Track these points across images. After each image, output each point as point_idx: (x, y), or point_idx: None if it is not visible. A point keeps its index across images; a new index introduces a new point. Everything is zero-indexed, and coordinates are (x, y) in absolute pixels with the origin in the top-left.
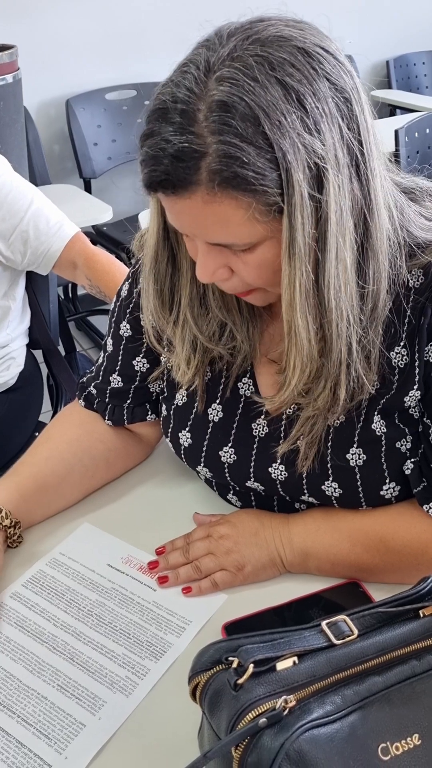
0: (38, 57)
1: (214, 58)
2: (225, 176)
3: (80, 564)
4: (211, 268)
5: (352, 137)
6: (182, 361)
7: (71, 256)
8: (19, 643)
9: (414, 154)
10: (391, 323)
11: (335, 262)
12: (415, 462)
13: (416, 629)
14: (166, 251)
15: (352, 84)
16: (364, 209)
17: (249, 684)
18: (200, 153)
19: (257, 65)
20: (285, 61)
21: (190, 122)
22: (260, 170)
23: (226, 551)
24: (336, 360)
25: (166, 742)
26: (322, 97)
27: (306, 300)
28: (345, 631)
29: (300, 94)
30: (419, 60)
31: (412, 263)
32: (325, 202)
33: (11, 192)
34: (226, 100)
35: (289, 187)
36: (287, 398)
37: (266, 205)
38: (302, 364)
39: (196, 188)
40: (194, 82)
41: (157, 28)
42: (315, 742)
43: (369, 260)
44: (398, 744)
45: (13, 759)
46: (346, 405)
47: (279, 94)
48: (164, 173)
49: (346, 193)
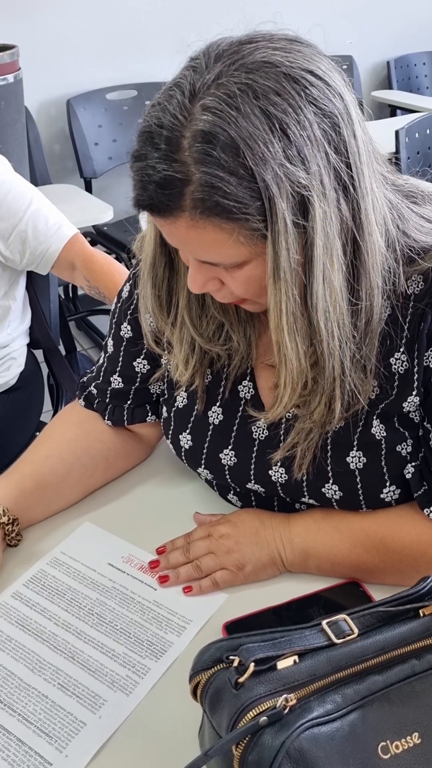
0: (39, 57)
1: (199, 84)
2: (207, 205)
3: (81, 563)
4: (201, 281)
5: (340, 161)
6: (180, 362)
7: (70, 257)
8: (19, 642)
9: (414, 154)
10: (387, 334)
11: (323, 285)
12: (415, 466)
13: (416, 628)
14: (163, 256)
15: (341, 106)
16: (353, 230)
17: (250, 683)
18: (183, 181)
19: (241, 93)
20: (269, 89)
21: (174, 150)
22: (242, 200)
23: (226, 550)
24: (329, 377)
25: (166, 741)
26: (307, 125)
27: (294, 322)
28: (345, 630)
29: (283, 123)
30: (420, 60)
31: (412, 269)
32: (311, 228)
33: (10, 192)
34: (208, 130)
35: (272, 215)
36: (280, 414)
37: (250, 230)
38: (293, 382)
39: (181, 214)
40: (179, 108)
41: (157, 29)
42: (315, 741)
43: (360, 278)
44: (398, 743)
45: (14, 757)
46: (342, 415)
47: (262, 123)
48: (149, 198)
49: (333, 217)
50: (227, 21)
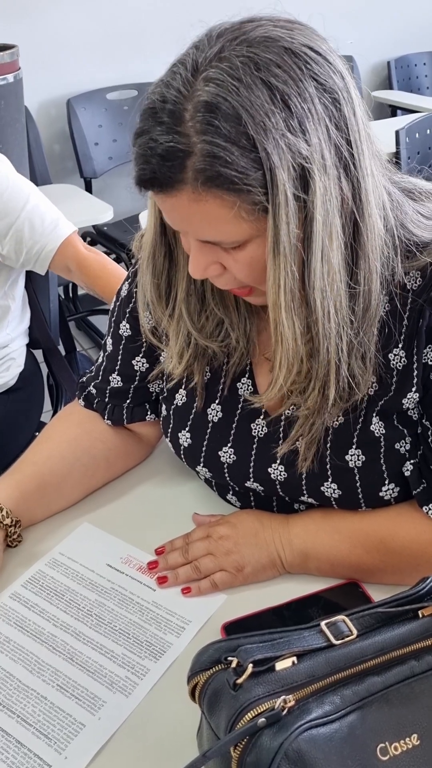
0: (39, 57)
1: (201, 59)
2: (208, 175)
3: (80, 564)
4: (203, 265)
5: (341, 137)
6: (175, 354)
7: (64, 261)
8: (18, 643)
9: (414, 154)
10: (386, 324)
11: (321, 263)
12: (414, 463)
13: (415, 629)
14: (163, 246)
15: (342, 84)
16: (354, 210)
17: (248, 684)
18: (186, 152)
19: (243, 66)
20: (271, 61)
21: (177, 122)
22: (243, 170)
23: (226, 552)
24: (323, 360)
25: (165, 742)
26: (308, 98)
27: (291, 300)
28: (344, 631)
29: (285, 95)
30: (420, 61)
31: (410, 264)
32: (311, 203)
33: (8, 190)
34: (210, 101)
35: (273, 186)
36: (276, 395)
37: (251, 204)
38: (288, 363)
39: (183, 186)
40: (182, 82)
41: (157, 28)
42: (314, 742)
43: (359, 261)
44: (397, 744)
45: (13, 759)
46: (341, 405)
47: (263, 94)
48: (152, 172)
49: (333, 193)
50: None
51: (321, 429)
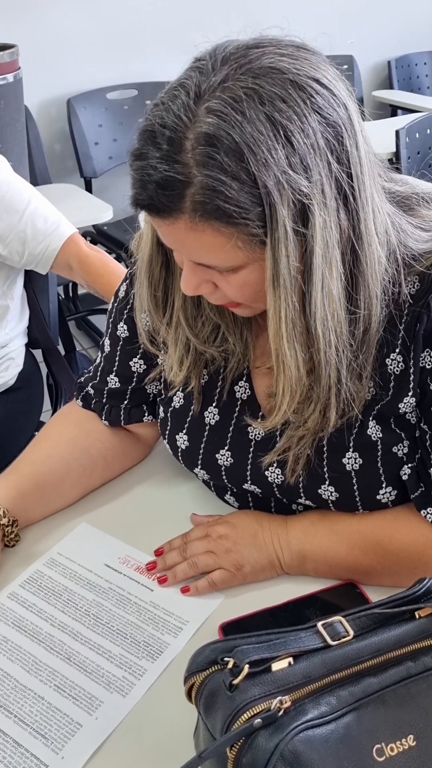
0: (39, 56)
1: (205, 86)
2: (207, 209)
3: (78, 564)
4: (194, 284)
5: (342, 170)
6: (175, 362)
7: (66, 259)
8: (16, 643)
9: (415, 154)
10: (384, 340)
11: (321, 294)
12: (412, 467)
13: (412, 630)
14: (160, 256)
15: (345, 116)
16: (353, 239)
17: (244, 684)
18: (184, 183)
19: (247, 98)
20: (275, 95)
21: (176, 151)
22: (243, 205)
23: (225, 550)
24: (325, 385)
25: (162, 743)
26: (310, 133)
27: (293, 330)
28: (341, 632)
29: (288, 131)
30: (420, 60)
31: (408, 271)
32: (311, 236)
33: (9, 191)
34: (212, 133)
35: (272, 222)
36: (279, 422)
37: (249, 236)
38: (291, 390)
39: (180, 215)
40: (183, 109)
41: (157, 28)
42: (310, 743)
43: (359, 287)
44: (393, 745)
45: (10, 759)
46: (337, 423)
47: (266, 129)
48: (149, 198)
49: (333, 226)
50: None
51: (311, 442)
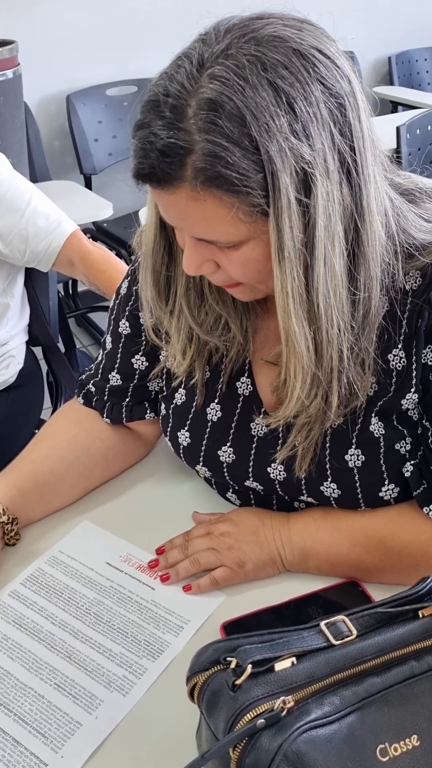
0: (39, 52)
1: (207, 54)
2: (208, 175)
3: (79, 562)
4: (197, 262)
5: (344, 143)
6: (178, 352)
7: (68, 254)
8: (16, 641)
9: (415, 150)
10: (385, 329)
11: (324, 268)
12: (414, 464)
13: (415, 630)
14: (162, 241)
15: (348, 89)
16: (355, 216)
17: (247, 684)
18: (186, 149)
19: (249, 65)
20: (278, 62)
21: (179, 118)
22: (244, 172)
23: (227, 547)
24: (327, 367)
25: (163, 742)
26: (313, 102)
27: (300, 306)
28: (344, 631)
29: (290, 97)
30: (421, 56)
31: (410, 265)
32: (313, 207)
33: (10, 190)
34: (214, 99)
35: (274, 190)
36: (292, 410)
37: (250, 206)
38: (303, 372)
39: (181, 184)
40: (186, 77)
41: (157, 24)
42: (313, 743)
43: (360, 267)
44: (397, 745)
45: (9, 757)
46: (340, 411)
47: (269, 96)
48: (150, 167)
49: (335, 199)
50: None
51: (319, 434)
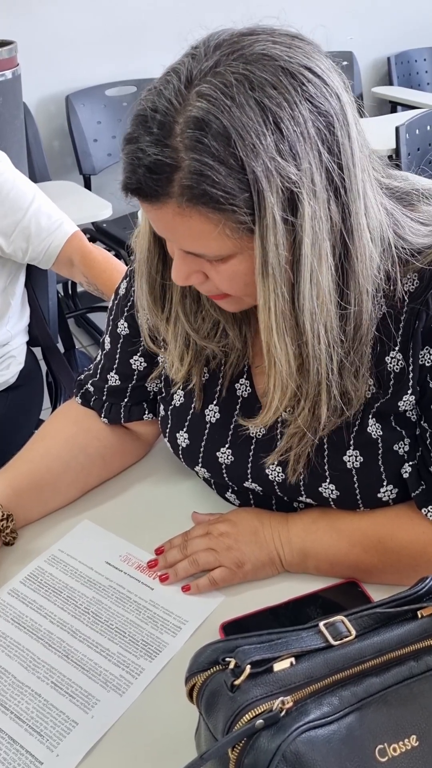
0: (38, 53)
1: (196, 71)
2: (194, 193)
3: (78, 561)
4: (185, 273)
5: (332, 161)
6: (175, 358)
7: (69, 254)
8: (14, 639)
9: (415, 151)
10: (379, 340)
11: (310, 285)
12: (413, 465)
13: (414, 630)
14: (157, 248)
15: (338, 107)
16: (343, 232)
17: (246, 685)
18: (173, 167)
19: (237, 84)
20: (266, 81)
21: (166, 135)
22: (230, 190)
23: (226, 548)
24: (314, 381)
25: (160, 743)
26: (301, 121)
27: (283, 322)
28: (343, 631)
29: (277, 117)
30: (420, 56)
31: (407, 267)
32: (300, 226)
33: (13, 189)
34: (201, 117)
35: (260, 209)
36: (271, 419)
37: (236, 223)
38: (282, 385)
39: (168, 200)
40: (174, 93)
41: (157, 24)
42: (312, 744)
43: (349, 282)
44: (396, 745)
45: (5, 755)
46: (334, 421)
47: (256, 115)
48: (138, 182)
49: (323, 217)
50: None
51: (311, 442)
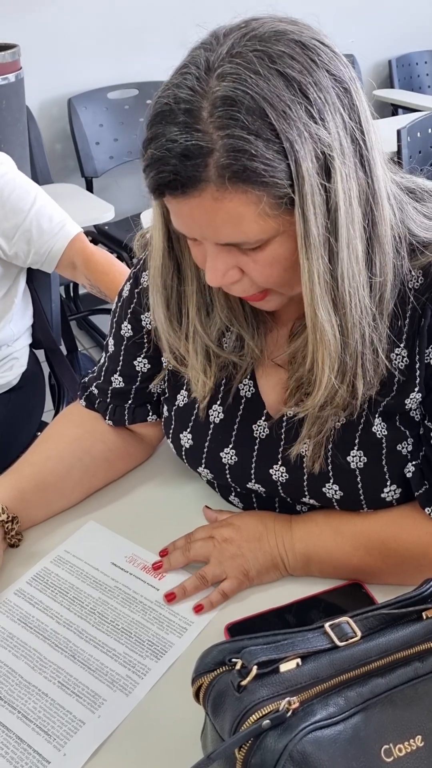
0: (40, 56)
1: (213, 57)
2: (234, 170)
3: (84, 562)
4: (222, 270)
5: (354, 126)
6: (200, 373)
7: (71, 257)
8: (21, 640)
9: (416, 153)
10: (396, 316)
11: (347, 252)
12: (416, 465)
13: (419, 631)
14: (171, 262)
15: (350, 75)
16: (370, 198)
17: (252, 686)
18: (207, 149)
19: (258, 59)
20: (284, 53)
21: (195, 120)
22: (269, 162)
23: (230, 556)
24: (353, 352)
25: (165, 742)
26: (323, 87)
27: (326, 292)
28: (348, 632)
29: (302, 85)
30: (421, 59)
31: (411, 263)
32: (334, 191)
33: (15, 191)
34: (230, 95)
35: (299, 177)
36: (321, 398)
37: (277, 198)
38: (330, 360)
39: (206, 185)
40: (195, 81)
41: (159, 27)
42: (318, 744)
43: (375, 250)
44: (401, 746)
45: (12, 754)
46: (356, 403)
47: (281, 85)
48: (172, 173)
49: (353, 181)
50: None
51: (332, 427)
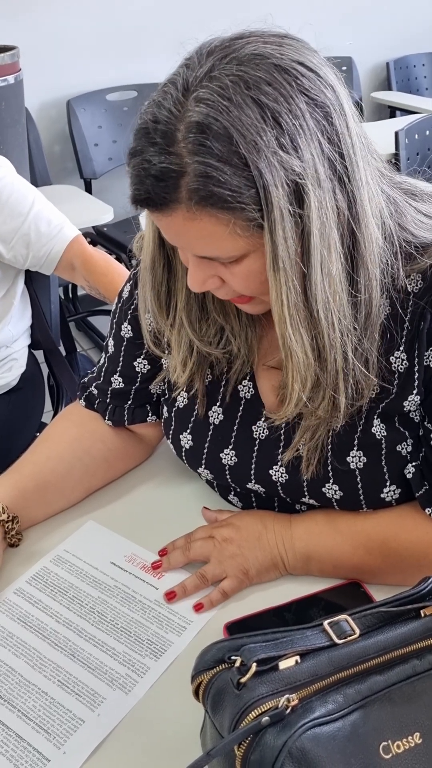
0: (39, 58)
1: (191, 78)
2: (202, 195)
3: (84, 561)
4: (201, 279)
5: (333, 150)
6: (178, 364)
7: (70, 259)
8: (21, 639)
9: (414, 155)
10: (387, 329)
11: (321, 275)
12: (416, 466)
13: (417, 629)
14: (161, 257)
15: (333, 97)
16: (350, 220)
17: (252, 683)
18: (179, 173)
19: (233, 85)
20: (261, 79)
21: (169, 143)
22: (237, 188)
23: (230, 555)
24: (332, 370)
25: (165, 740)
26: (299, 114)
27: (296, 313)
28: (347, 630)
29: (275, 113)
30: (419, 62)
31: (410, 267)
32: (307, 217)
33: (13, 194)
34: (201, 121)
35: (267, 204)
36: (292, 412)
37: (246, 221)
38: (301, 377)
39: (177, 206)
40: (173, 103)
41: (157, 29)
42: (317, 741)
43: (359, 269)
44: (399, 742)
45: (12, 752)
46: (347, 412)
47: (254, 113)
48: (146, 192)
49: (329, 206)
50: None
51: (325, 435)
